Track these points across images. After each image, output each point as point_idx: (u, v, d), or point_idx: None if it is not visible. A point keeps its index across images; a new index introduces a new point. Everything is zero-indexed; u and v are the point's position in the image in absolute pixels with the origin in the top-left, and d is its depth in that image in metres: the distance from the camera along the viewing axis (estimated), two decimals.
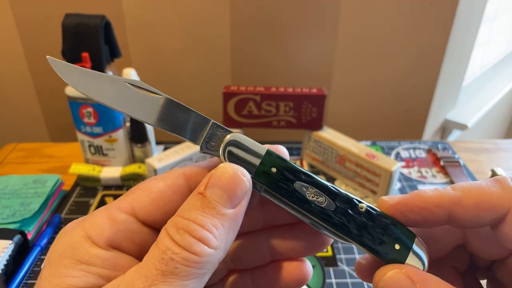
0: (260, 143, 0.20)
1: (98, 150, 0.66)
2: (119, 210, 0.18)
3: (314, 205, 0.19)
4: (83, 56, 0.59)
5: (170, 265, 0.16)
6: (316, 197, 0.19)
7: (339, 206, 0.19)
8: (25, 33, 0.90)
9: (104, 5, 0.87)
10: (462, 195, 0.18)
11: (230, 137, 0.20)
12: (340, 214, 0.19)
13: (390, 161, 0.61)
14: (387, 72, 0.98)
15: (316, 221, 0.20)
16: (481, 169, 0.72)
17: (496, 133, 1.86)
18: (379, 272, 0.19)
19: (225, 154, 0.20)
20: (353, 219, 0.19)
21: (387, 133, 1.06)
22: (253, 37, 0.92)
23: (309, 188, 0.19)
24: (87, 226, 0.18)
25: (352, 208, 0.19)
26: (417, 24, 0.92)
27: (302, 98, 0.67)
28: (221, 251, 0.17)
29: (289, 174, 0.20)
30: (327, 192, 0.20)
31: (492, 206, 0.17)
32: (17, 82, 0.96)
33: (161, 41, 0.91)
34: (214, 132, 0.20)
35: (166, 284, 0.15)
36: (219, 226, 0.17)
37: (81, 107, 0.62)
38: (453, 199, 0.18)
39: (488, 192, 0.18)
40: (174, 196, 0.19)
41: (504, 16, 1.41)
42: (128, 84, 0.20)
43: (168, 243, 0.16)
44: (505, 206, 0.17)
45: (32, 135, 1.03)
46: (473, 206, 0.18)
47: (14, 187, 0.62)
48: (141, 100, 0.20)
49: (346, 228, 0.19)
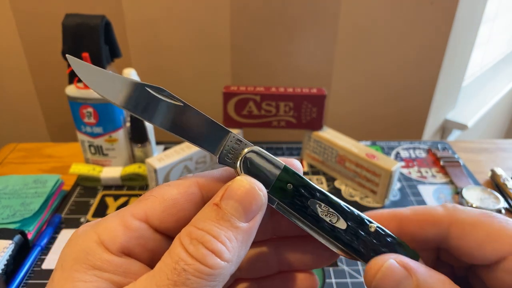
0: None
1: (98, 150, 0.67)
2: (132, 217, 0.18)
3: (326, 224, 0.20)
4: (83, 56, 0.60)
5: (182, 275, 0.16)
6: (329, 215, 0.20)
7: (350, 225, 0.20)
8: (26, 33, 0.90)
9: (104, 5, 0.87)
10: (411, 213, 0.21)
11: (248, 151, 0.20)
12: (350, 234, 0.20)
13: (390, 161, 0.61)
14: (387, 72, 0.98)
15: (327, 238, 0.20)
16: (481, 169, 0.73)
17: (496, 133, 1.86)
18: (373, 261, 0.19)
19: (242, 167, 0.20)
20: (362, 239, 0.20)
21: (387, 133, 1.06)
22: (253, 37, 0.92)
23: (322, 206, 0.20)
24: (100, 231, 0.18)
25: (362, 228, 0.20)
26: (417, 24, 0.92)
27: (302, 98, 0.67)
28: (233, 264, 0.17)
29: (305, 191, 0.20)
30: (340, 211, 0.20)
31: (434, 221, 0.20)
32: (18, 82, 0.96)
33: (161, 41, 0.91)
34: (232, 145, 0.20)
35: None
36: (232, 239, 0.17)
37: (81, 107, 0.63)
38: (403, 216, 0.21)
39: (432, 210, 0.20)
40: (187, 204, 0.19)
41: (504, 16, 1.41)
42: (149, 90, 0.20)
43: (181, 253, 0.16)
44: (445, 222, 0.20)
45: (32, 135, 1.03)
46: (418, 222, 0.20)
47: (14, 187, 0.62)
48: (160, 106, 0.20)
49: (355, 247, 0.20)
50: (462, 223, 0.19)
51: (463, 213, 0.20)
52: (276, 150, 0.76)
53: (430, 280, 0.18)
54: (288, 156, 0.75)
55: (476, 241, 0.19)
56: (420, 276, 0.18)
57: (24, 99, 0.99)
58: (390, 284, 0.18)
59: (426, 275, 0.18)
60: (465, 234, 0.19)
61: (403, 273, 0.18)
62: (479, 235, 0.19)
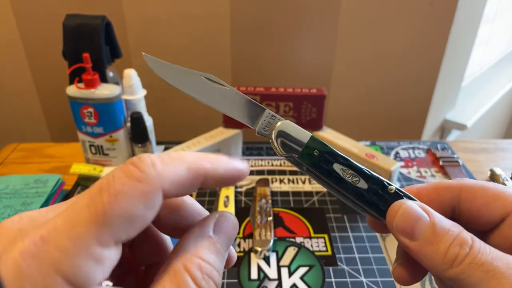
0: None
1: (98, 150, 0.67)
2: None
3: (349, 184, 0.22)
4: (84, 57, 0.60)
5: None
6: (351, 177, 0.22)
7: (371, 186, 0.22)
8: (26, 33, 0.91)
9: (105, 5, 0.87)
10: (426, 184, 0.23)
11: (280, 124, 0.23)
12: (371, 193, 0.22)
13: (390, 161, 0.61)
14: (386, 72, 0.98)
15: (351, 199, 0.23)
16: (480, 169, 0.73)
17: (495, 133, 1.86)
18: (395, 203, 0.22)
19: (277, 138, 0.23)
20: (383, 198, 0.22)
21: (387, 133, 1.06)
22: (253, 37, 0.93)
23: (345, 170, 0.23)
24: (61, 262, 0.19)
25: (382, 189, 0.22)
26: (417, 24, 0.92)
27: (302, 98, 0.67)
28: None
29: (329, 156, 0.23)
30: (361, 174, 0.23)
31: (447, 187, 0.22)
32: (18, 82, 0.97)
33: (162, 42, 0.92)
34: (268, 120, 0.24)
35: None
36: (221, 270, 0.19)
37: (82, 107, 0.63)
38: (420, 187, 0.23)
39: (444, 180, 0.23)
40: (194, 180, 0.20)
41: (503, 16, 1.41)
42: (204, 78, 0.24)
43: (192, 285, 0.17)
44: (457, 187, 0.22)
45: (33, 135, 1.04)
46: (434, 189, 0.23)
47: (15, 187, 0.62)
48: (214, 91, 0.24)
49: (376, 206, 0.22)
50: (471, 187, 0.22)
51: (471, 181, 0.22)
52: None
53: (445, 221, 0.20)
54: None
55: (484, 201, 0.21)
56: (436, 216, 0.20)
57: (25, 99, 0.99)
58: (410, 220, 0.20)
59: (441, 217, 0.20)
60: (474, 196, 0.21)
61: (421, 212, 0.20)
62: (487, 195, 0.21)
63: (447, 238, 0.19)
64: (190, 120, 1.01)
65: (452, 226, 0.20)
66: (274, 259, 0.53)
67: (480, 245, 0.19)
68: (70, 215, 0.15)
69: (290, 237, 0.57)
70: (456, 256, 0.19)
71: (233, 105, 0.24)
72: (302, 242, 0.56)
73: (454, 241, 0.19)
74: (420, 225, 0.20)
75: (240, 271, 0.51)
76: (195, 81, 0.24)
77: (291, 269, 0.52)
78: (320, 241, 0.56)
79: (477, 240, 0.19)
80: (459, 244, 0.19)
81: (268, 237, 0.55)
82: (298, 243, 0.56)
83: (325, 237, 0.57)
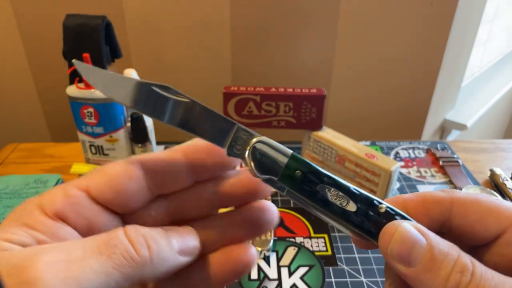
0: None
1: (99, 150, 0.67)
2: (73, 187, 0.20)
3: (336, 207, 0.20)
4: (84, 57, 0.60)
5: (111, 249, 0.17)
6: (338, 198, 0.20)
7: (360, 207, 0.20)
8: (27, 33, 0.91)
9: (105, 6, 0.87)
10: (414, 196, 0.22)
11: (256, 141, 0.20)
12: (360, 215, 0.20)
13: (390, 161, 0.61)
14: (386, 73, 0.98)
15: (339, 221, 0.20)
16: (480, 169, 0.73)
17: (495, 133, 1.86)
18: (388, 226, 0.20)
19: (250, 157, 0.20)
20: (373, 220, 0.20)
21: (387, 133, 1.06)
22: (254, 37, 0.93)
23: (331, 190, 0.20)
24: (42, 197, 0.19)
25: (372, 209, 0.20)
26: (417, 24, 0.92)
27: (301, 98, 0.67)
28: (151, 268, 0.18)
29: (313, 177, 0.20)
30: (349, 194, 0.20)
31: (437, 201, 0.21)
32: (19, 82, 0.97)
33: (162, 41, 0.92)
34: (239, 136, 0.21)
35: (95, 261, 0.16)
36: (167, 251, 0.19)
37: (82, 107, 0.63)
38: (408, 199, 0.22)
39: (433, 192, 0.21)
40: (127, 179, 0.20)
41: (503, 16, 1.41)
42: (156, 89, 0.20)
43: (120, 235, 0.18)
44: (447, 201, 0.20)
45: (33, 135, 1.04)
46: (422, 203, 0.21)
47: (15, 187, 0.62)
48: (168, 103, 0.20)
49: (366, 228, 0.20)
50: (463, 201, 0.20)
51: (462, 194, 0.20)
52: None
53: (442, 243, 0.18)
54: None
55: (477, 216, 0.20)
56: (433, 238, 0.19)
57: (25, 99, 0.99)
58: (406, 245, 0.19)
59: (438, 239, 0.19)
60: (467, 211, 0.20)
61: (418, 235, 0.19)
62: (480, 209, 0.19)
63: (447, 264, 0.18)
64: None
65: (450, 249, 0.18)
66: (274, 259, 0.53)
67: (482, 270, 0.18)
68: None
69: (290, 237, 0.57)
70: (457, 284, 0.17)
71: (196, 121, 0.20)
72: (302, 242, 0.56)
73: (455, 268, 0.18)
74: (417, 250, 0.18)
75: None
76: (141, 92, 0.20)
77: (291, 269, 0.52)
78: (320, 241, 0.56)
79: (477, 265, 0.18)
80: (460, 271, 0.18)
81: (268, 237, 0.55)
82: (298, 243, 0.56)
83: (325, 237, 0.57)
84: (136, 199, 0.21)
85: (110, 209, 0.20)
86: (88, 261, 0.16)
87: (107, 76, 0.21)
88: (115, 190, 0.20)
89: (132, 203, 0.21)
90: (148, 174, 0.21)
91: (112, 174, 0.20)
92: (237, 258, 0.22)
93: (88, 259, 0.16)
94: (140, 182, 0.21)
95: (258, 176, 0.20)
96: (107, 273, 0.16)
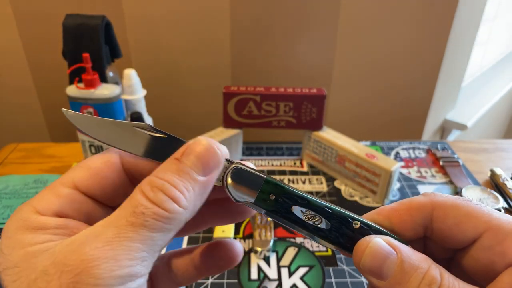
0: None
1: (98, 150, 0.67)
2: (62, 186, 0.20)
3: (311, 226, 0.22)
4: (84, 57, 0.60)
5: (141, 218, 0.17)
6: (312, 218, 0.22)
7: (333, 225, 0.21)
8: (26, 33, 0.90)
9: (105, 5, 0.87)
10: (396, 204, 0.22)
11: (231, 168, 0.21)
12: (334, 232, 0.21)
13: (390, 161, 0.61)
14: (386, 72, 0.98)
15: (315, 238, 0.22)
16: (480, 169, 0.73)
17: (495, 133, 1.86)
18: (361, 241, 0.21)
19: (227, 183, 0.21)
20: (348, 236, 0.21)
21: (387, 133, 1.06)
22: (253, 37, 0.93)
23: (305, 211, 0.22)
24: (34, 203, 0.19)
25: (347, 225, 0.21)
26: (417, 24, 0.92)
27: (302, 98, 0.67)
28: (188, 212, 0.19)
29: (286, 199, 0.22)
30: (323, 212, 0.22)
31: (419, 207, 0.21)
32: (18, 82, 0.97)
33: (162, 41, 0.92)
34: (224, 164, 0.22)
35: (134, 233, 0.17)
36: (190, 189, 0.19)
37: (82, 107, 0.63)
38: (390, 209, 0.22)
39: (415, 199, 0.22)
40: (110, 173, 0.21)
41: (504, 16, 1.41)
42: (137, 129, 0.22)
43: (141, 199, 0.18)
44: (428, 206, 0.21)
45: (32, 135, 1.04)
46: (405, 210, 0.22)
47: (15, 187, 0.62)
48: (150, 142, 0.22)
49: (342, 244, 0.22)
50: (443, 206, 0.21)
51: (442, 197, 0.21)
52: (276, 150, 0.77)
53: (413, 257, 0.19)
54: (288, 156, 0.75)
55: (456, 220, 0.20)
56: (404, 252, 0.19)
57: (25, 99, 0.99)
58: (377, 259, 0.19)
59: (409, 252, 0.19)
60: (446, 215, 0.21)
61: (389, 249, 0.19)
62: (458, 214, 0.20)
63: (416, 276, 0.19)
64: (190, 120, 1.01)
65: (421, 262, 0.19)
66: (274, 259, 0.53)
67: (449, 282, 0.18)
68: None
69: (290, 237, 0.57)
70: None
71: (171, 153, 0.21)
72: (302, 242, 0.56)
73: (423, 281, 0.18)
74: (388, 264, 0.19)
75: (240, 271, 0.51)
76: (125, 133, 0.21)
77: (291, 269, 0.52)
78: None
79: (445, 277, 0.19)
80: (428, 284, 0.18)
81: (268, 237, 0.55)
82: (298, 243, 0.56)
83: None
84: (122, 192, 0.21)
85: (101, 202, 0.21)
86: (126, 235, 0.17)
87: (91, 121, 0.22)
88: (101, 186, 0.20)
89: (120, 197, 0.21)
90: (127, 163, 0.21)
91: (94, 167, 0.21)
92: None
93: (125, 234, 0.17)
94: (121, 172, 0.21)
95: (237, 201, 0.21)
96: (150, 237, 0.17)
